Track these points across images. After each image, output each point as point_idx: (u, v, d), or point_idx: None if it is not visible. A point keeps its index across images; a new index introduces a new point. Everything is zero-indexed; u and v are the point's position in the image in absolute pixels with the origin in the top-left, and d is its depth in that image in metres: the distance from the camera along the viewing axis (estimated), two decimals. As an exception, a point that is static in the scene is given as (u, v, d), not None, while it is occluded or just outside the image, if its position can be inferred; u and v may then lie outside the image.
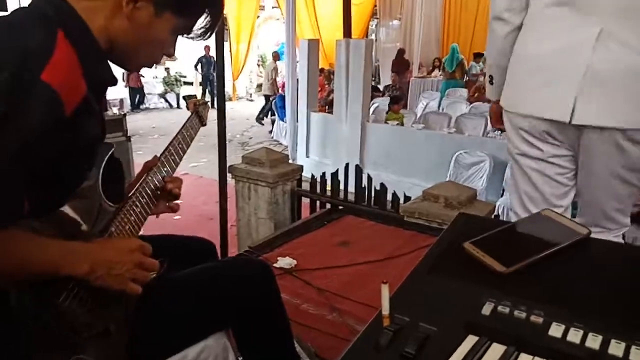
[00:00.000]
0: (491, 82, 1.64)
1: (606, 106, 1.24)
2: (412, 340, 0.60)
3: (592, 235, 0.82)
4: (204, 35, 0.97)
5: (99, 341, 0.89)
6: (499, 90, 1.58)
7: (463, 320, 0.64)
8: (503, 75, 1.54)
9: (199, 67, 12.21)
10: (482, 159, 5.10)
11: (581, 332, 0.61)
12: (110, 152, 0.99)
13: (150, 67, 0.98)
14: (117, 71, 0.96)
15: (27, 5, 0.85)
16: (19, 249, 0.76)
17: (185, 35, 0.96)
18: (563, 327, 0.62)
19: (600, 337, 0.59)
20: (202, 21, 0.94)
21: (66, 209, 0.88)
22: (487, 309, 0.66)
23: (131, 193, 1.02)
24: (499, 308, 0.66)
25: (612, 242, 1.20)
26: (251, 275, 1.16)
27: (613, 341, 0.59)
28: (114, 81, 0.94)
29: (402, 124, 6.37)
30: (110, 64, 0.93)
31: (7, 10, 5.74)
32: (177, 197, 1.15)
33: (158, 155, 1.16)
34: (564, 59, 1.27)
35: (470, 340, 0.62)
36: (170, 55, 0.98)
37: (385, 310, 0.62)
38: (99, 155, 0.95)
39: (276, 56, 11.37)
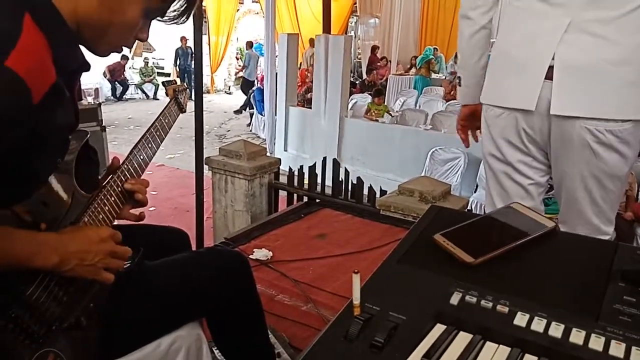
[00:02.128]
0: (459, 84, 1.62)
1: (571, 96, 1.25)
2: (381, 329, 0.61)
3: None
4: (178, 19, 0.93)
5: (69, 333, 0.88)
6: (467, 91, 1.57)
7: (432, 309, 0.66)
8: (471, 76, 1.53)
9: (178, 62, 12.02)
10: (457, 155, 5.18)
11: (544, 321, 0.63)
12: (84, 140, 0.97)
13: (120, 51, 0.95)
14: (101, 64, 0.92)
15: None
16: None
17: (158, 19, 0.93)
18: (527, 316, 0.64)
19: (562, 326, 0.62)
20: (176, 4, 0.91)
21: (37, 198, 0.85)
22: (455, 299, 0.67)
23: (106, 182, 1.00)
24: (467, 298, 0.68)
25: (577, 235, 1.22)
26: (226, 265, 1.15)
27: (574, 330, 0.61)
28: (86, 66, 0.91)
29: (389, 112, 6.43)
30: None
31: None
32: (143, 204, 1.05)
33: (134, 144, 1.14)
34: (532, 48, 1.28)
35: (439, 329, 0.63)
36: (144, 39, 0.95)
37: (356, 299, 0.63)
38: (73, 143, 0.93)
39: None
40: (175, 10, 0.92)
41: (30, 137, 0.76)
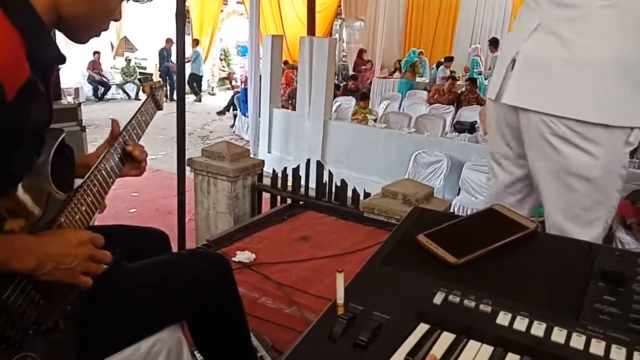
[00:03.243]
0: None
1: (523, 88, 1.33)
2: (365, 328, 0.61)
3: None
4: None
5: (47, 337, 0.85)
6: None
7: (415, 309, 0.66)
8: None
9: (162, 63, 11.95)
10: (440, 158, 5.23)
11: (527, 320, 0.63)
12: (60, 138, 0.95)
13: (99, 36, 0.94)
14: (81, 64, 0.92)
15: None
16: None
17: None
18: (510, 315, 0.64)
19: (544, 325, 0.62)
20: None
21: (13, 197, 0.83)
22: (438, 299, 0.68)
23: (82, 181, 0.98)
24: (450, 297, 0.68)
25: (557, 236, 1.23)
26: (208, 268, 1.14)
27: (556, 328, 0.62)
28: (61, 59, 0.90)
29: (375, 118, 6.46)
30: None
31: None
32: (140, 161, 1.13)
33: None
34: (509, 46, 1.40)
35: (422, 328, 0.63)
36: (117, 20, 0.94)
37: (340, 299, 0.62)
38: (47, 141, 0.91)
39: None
40: None
41: (3, 135, 0.74)
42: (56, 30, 0.90)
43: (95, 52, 11.19)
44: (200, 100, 11.87)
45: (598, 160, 1.27)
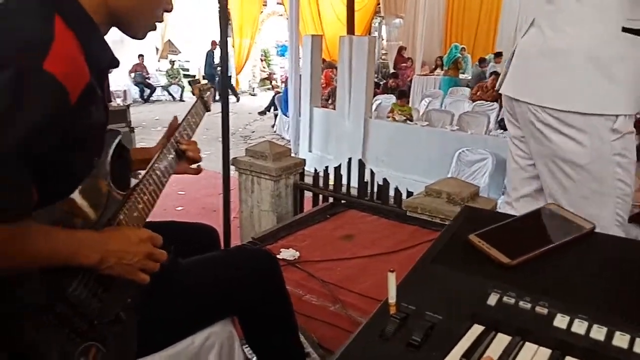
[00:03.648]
0: None
1: (513, 79, 1.42)
2: (418, 328, 0.60)
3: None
4: None
5: (110, 328, 0.90)
6: None
7: (469, 310, 0.65)
8: None
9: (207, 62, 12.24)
10: (484, 156, 5.11)
11: (586, 323, 0.61)
12: (117, 139, 0.99)
13: (155, 28, 0.97)
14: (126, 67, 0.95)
15: None
16: (30, 241, 0.76)
17: None
18: (568, 318, 0.62)
19: (605, 329, 0.60)
20: None
21: (75, 197, 0.87)
22: (492, 300, 0.67)
23: (139, 181, 1.02)
24: (504, 299, 0.67)
25: (616, 236, 1.19)
26: (257, 265, 1.16)
27: (618, 333, 0.59)
28: (115, 62, 0.94)
29: (411, 117, 6.38)
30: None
31: None
32: (197, 160, 1.18)
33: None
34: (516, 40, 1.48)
35: (476, 329, 0.62)
36: (170, 10, 0.97)
37: (392, 298, 0.63)
38: (106, 143, 0.95)
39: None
40: None
41: (68, 137, 0.79)
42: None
43: (140, 55, 11.58)
44: (238, 100, 12.07)
45: (584, 147, 1.29)
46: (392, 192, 2.89)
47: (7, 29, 0.74)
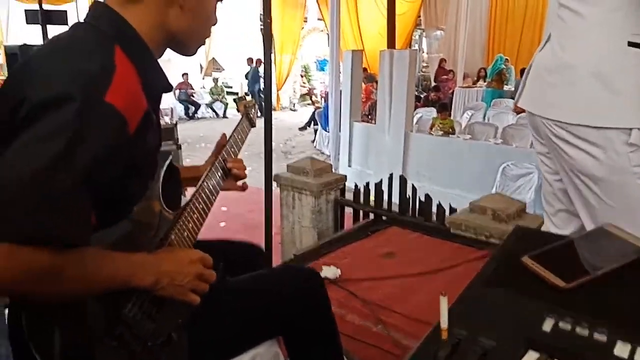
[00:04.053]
0: None
1: (527, 94, 1.44)
2: (471, 354, 0.59)
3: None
4: None
5: (163, 349, 0.92)
6: None
7: (523, 335, 0.63)
8: None
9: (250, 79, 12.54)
10: (530, 170, 4.95)
11: (650, 352, 0.58)
12: (168, 160, 1.02)
13: (204, 44, 1.01)
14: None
15: (83, 22, 0.88)
16: (89, 267, 0.78)
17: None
18: (629, 346, 0.59)
19: (671, 359, 0.57)
20: None
21: (130, 218, 0.90)
22: (547, 325, 0.64)
23: (188, 200, 1.05)
24: (560, 324, 0.64)
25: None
26: (303, 284, 1.17)
27: (685, 363, 0.56)
28: (169, 88, 0.97)
29: (453, 130, 6.28)
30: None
31: (67, 24, 6.10)
32: (242, 177, 1.24)
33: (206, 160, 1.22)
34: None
35: (531, 356, 0.60)
36: (215, 23, 1.00)
37: (444, 323, 0.61)
38: (157, 164, 0.98)
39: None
40: None
41: (127, 164, 0.81)
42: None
43: (184, 74, 11.99)
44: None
45: (599, 161, 1.27)
46: (434, 208, 2.85)
47: (71, 61, 0.77)
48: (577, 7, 1.27)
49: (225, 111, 12.43)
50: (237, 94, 13.68)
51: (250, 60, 12.19)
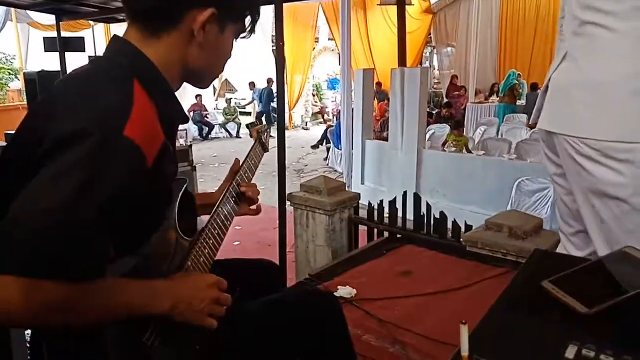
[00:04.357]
0: None
1: (551, 113, 1.41)
2: (492, 382, 0.58)
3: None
4: (251, 32, 1.01)
5: None
6: None
7: (545, 363, 0.62)
8: None
9: (256, 97, 12.69)
10: (546, 185, 4.90)
11: (677, 381, 0.57)
12: (183, 188, 1.02)
13: (217, 77, 1.03)
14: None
15: (102, 56, 0.90)
16: (106, 296, 0.79)
17: (237, 38, 1.00)
18: (656, 374, 0.58)
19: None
20: (247, 20, 0.99)
21: (145, 246, 0.89)
22: (570, 352, 0.63)
23: (204, 226, 1.06)
24: (584, 351, 0.63)
25: None
26: (321, 308, 1.17)
27: None
28: (186, 119, 0.99)
29: (467, 147, 6.25)
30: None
31: (84, 51, 6.24)
32: (255, 201, 1.26)
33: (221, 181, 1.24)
34: (546, 77, 1.47)
35: (554, 385, 0.59)
36: (229, 57, 1.02)
37: (465, 351, 0.61)
38: (173, 191, 0.98)
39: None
40: (248, 27, 1.00)
41: (145, 195, 0.82)
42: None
43: (197, 95, 12.18)
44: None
45: (624, 178, 1.25)
46: (449, 224, 2.82)
47: (90, 96, 0.79)
48: (608, 22, 1.25)
49: (238, 131, 12.56)
50: (249, 113, 13.83)
51: (270, 81, 12.35)
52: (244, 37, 1.01)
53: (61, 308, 0.73)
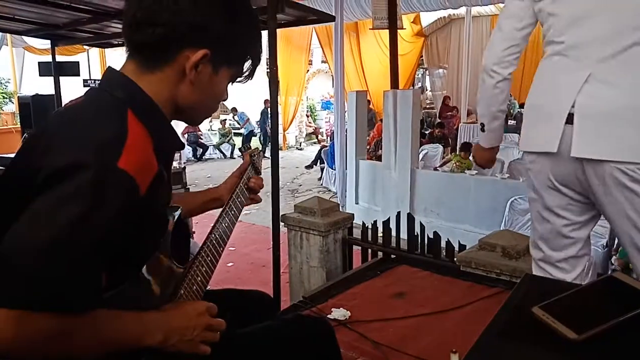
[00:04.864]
0: (482, 130, 1.82)
1: (592, 140, 1.34)
2: (483, 411, 0.58)
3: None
4: (248, 77, 1.02)
5: None
6: (492, 136, 1.82)
7: (536, 390, 0.62)
8: (495, 121, 1.76)
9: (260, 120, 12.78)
10: (539, 205, 4.93)
11: (667, 407, 0.57)
12: (177, 215, 1.00)
13: (210, 117, 1.04)
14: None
15: (97, 87, 0.90)
16: (99, 328, 0.78)
17: (234, 81, 1.01)
18: (646, 401, 0.58)
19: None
20: (247, 65, 1.00)
21: (137, 276, 0.89)
22: (561, 379, 0.63)
23: (197, 253, 1.06)
24: (574, 378, 0.63)
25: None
26: (313, 335, 1.15)
27: None
28: (182, 146, 0.99)
29: (469, 169, 6.29)
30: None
31: (79, 74, 6.27)
32: (257, 190, 1.36)
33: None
34: (556, 98, 1.41)
35: (546, 412, 0.59)
36: (225, 99, 1.03)
37: (455, 379, 0.61)
38: (167, 220, 0.97)
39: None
40: (246, 70, 1.01)
41: (138, 225, 0.81)
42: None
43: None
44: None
45: None
46: (443, 244, 2.83)
47: (84, 128, 0.79)
48: None
49: (232, 152, 12.57)
50: (242, 134, 13.88)
51: (267, 102, 12.44)
52: (240, 82, 1.02)
53: (53, 340, 0.73)
